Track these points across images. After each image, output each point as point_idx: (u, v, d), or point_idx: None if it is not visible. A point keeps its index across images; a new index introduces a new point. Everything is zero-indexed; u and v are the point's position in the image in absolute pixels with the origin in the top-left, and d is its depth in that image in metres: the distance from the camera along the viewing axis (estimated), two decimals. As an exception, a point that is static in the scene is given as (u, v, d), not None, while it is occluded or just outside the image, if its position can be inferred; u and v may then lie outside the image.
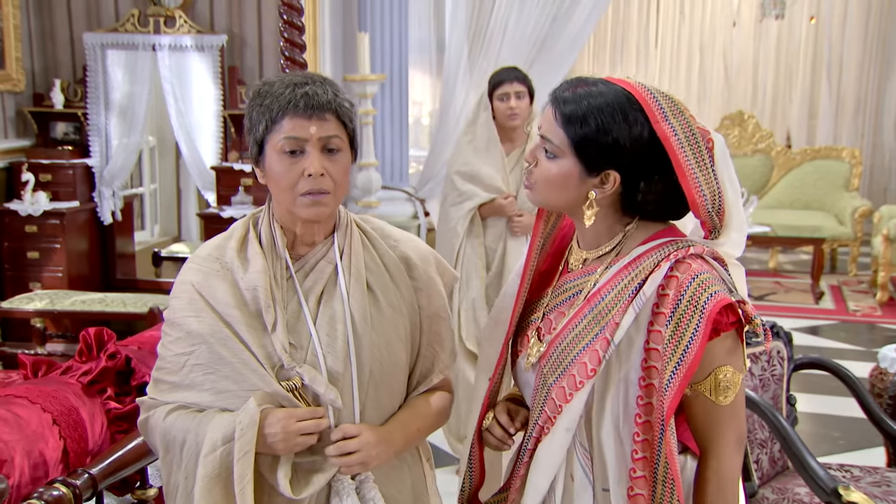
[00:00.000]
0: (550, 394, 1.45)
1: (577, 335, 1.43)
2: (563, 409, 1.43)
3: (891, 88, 9.27)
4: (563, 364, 1.43)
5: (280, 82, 1.54)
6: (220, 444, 1.46)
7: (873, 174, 9.32)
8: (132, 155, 5.57)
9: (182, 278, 1.61)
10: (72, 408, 2.14)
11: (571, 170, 1.42)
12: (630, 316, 1.38)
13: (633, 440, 1.38)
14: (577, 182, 1.42)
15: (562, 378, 1.43)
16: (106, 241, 5.63)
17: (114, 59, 5.42)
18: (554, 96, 1.43)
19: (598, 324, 1.40)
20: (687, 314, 1.33)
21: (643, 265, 1.39)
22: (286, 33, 3.17)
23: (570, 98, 1.40)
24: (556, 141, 1.41)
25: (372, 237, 1.67)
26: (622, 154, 1.39)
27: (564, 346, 1.44)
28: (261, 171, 1.58)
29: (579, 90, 1.41)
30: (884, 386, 3.39)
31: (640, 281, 1.38)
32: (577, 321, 1.44)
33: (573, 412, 1.43)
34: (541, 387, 1.48)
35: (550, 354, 1.46)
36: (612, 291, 1.41)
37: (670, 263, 1.37)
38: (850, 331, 6.05)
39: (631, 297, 1.38)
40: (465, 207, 3.56)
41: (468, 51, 5.50)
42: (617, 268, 1.43)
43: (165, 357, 1.60)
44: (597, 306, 1.42)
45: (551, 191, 1.45)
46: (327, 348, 1.54)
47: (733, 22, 9.56)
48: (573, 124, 1.39)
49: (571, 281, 1.51)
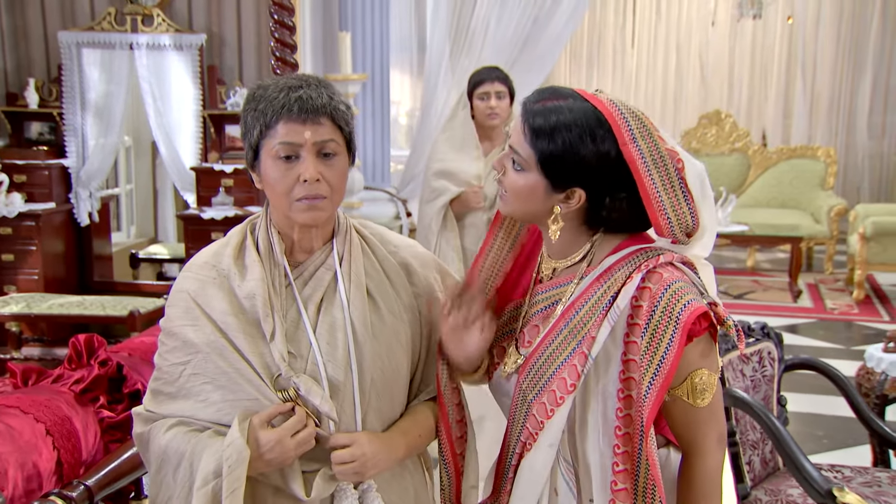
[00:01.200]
0: (531, 410, 1.44)
1: (554, 350, 1.42)
2: (544, 424, 1.43)
3: (863, 89, 9.39)
4: (542, 380, 1.43)
5: (274, 86, 1.51)
6: (212, 478, 1.44)
7: (847, 173, 9.44)
8: (109, 155, 5.49)
9: (178, 286, 1.58)
10: (65, 417, 2.09)
11: (537, 184, 1.41)
12: (605, 329, 1.37)
13: (614, 452, 1.38)
14: (542, 196, 1.42)
15: (542, 394, 1.42)
16: (82, 242, 5.54)
17: (90, 57, 5.33)
18: (524, 108, 1.42)
19: (575, 338, 1.40)
20: (661, 325, 1.33)
21: (615, 277, 1.39)
22: (277, 33, 3.13)
23: (540, 111, 1.39)
24: (524, 154, 1.41)
25: (371, 243, 1.64)
26: (588, 172, 1.39)
27: (542, 362, 1.43)
28: (257, 176, 1.55)
29: (549, 104, 1.39)
30: (871, 385, 3.43)
31: (613, 293, 1.38)
32: (553, 336, 1.43)
33: (555, 428, 1.42)
34: (520, 402, 1.47)
35: (529, 369, 1.45)
36: (586, 305, 1.41)
37: (642, 274, 1.37)
38: (828, 329, 6.12)
39: (605, 311, 1.38)
40: (437, 204, 3.58)
41: (450, 50, 5.49)
42: (589, 280, 1.42)
43: (162, 367, 1.57)
44: (571, 320, 1.41)
45: (518, 201, 1.45)
46: (327, 357, 1.52)
47: (711, 22, 9.63)
48: (541, 140, 1.38)
49: (543, 292, 1.51)
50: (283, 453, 1.45)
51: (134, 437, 1.61)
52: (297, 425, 1.46)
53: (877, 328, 6.10)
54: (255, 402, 1.48)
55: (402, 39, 6.91)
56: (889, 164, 9.39)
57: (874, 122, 9.41)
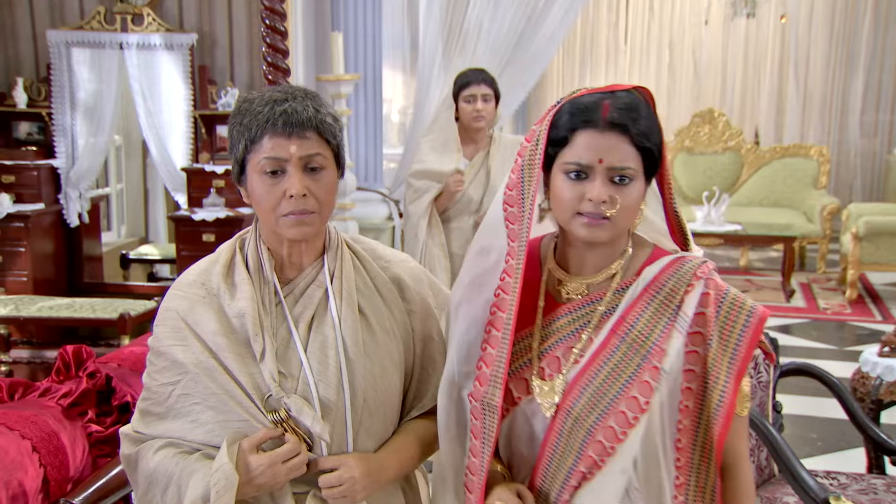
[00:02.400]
0: (594, 436, 1.34)
1: (615, 368, 1.34)
2: (615, 449, 1.33)
3: (855, 88, 9.39)
4: (604, 401, 1.34)
5: (259, 99, 1.48)
6: (200, 503, 1.42)
7: (839, 172, 9.45)
8: (99, 156, 5.44)
9: (166, 305, 1.55)
10: (52, 433, 2.06)
11: (641, 188, 1.37)
12: (677, 340, 1.32)
13: (675, 466, 1.34)
14: (641, 200, 1.38)
15: (606, 417, 1.33)
16: (72, 243, 5.49)
17: (79, 57, 5.27)
18: (611, 120, 1.32)
19: (638, 353, 1.34)
20: (727, 331, 1.32)
21: (669, 285, 1.36)
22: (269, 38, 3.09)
23: (632, 116, 1.33)
24: (634, 164, 1.34)
25: (363, 258, 1.61)
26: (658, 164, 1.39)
27: (600, 382, 1.35)
28: (244, 190, 1.53)
29: (623, 102, 1.34)
30: (866, 390, 3.42)
31: (676, 303, 1.34)
32: (608, 354, 1.35)
33: (628, 451, 1.33)
34: (572, 429, 1.36)
35: (581, 393, 1.36)
36: (642, 317, 1.35)
37: (703, 281, 1.34)
38: (821, 329, 6.11)
39: (671, 321, 1.34)
40: (422, 203, 3.57)
41: (443, 49, 5.45)
42: (637, 291, 1.37)
43: (151, 387, 1.54)
44: (628, 335, 1.35)
45: (630, 216, 1.37)
46: (319, 376, 1.49)
47: (705, 20, 9.61)
48: (642, 139, 1.33)
49: (572, 312, 1.41)
50: (274, 478, 1.43)
51: (121, 457, 1.58)
52: (289, 452, 1.44)
53: (870, 328, 6.10)
54: (245, 423, 1.46)
55: (394, 38, 6.86)
56: (881, 163, 9.40)
57: (866, 120, 9.42)
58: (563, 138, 1.35)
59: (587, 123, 1.32)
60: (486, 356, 1.41)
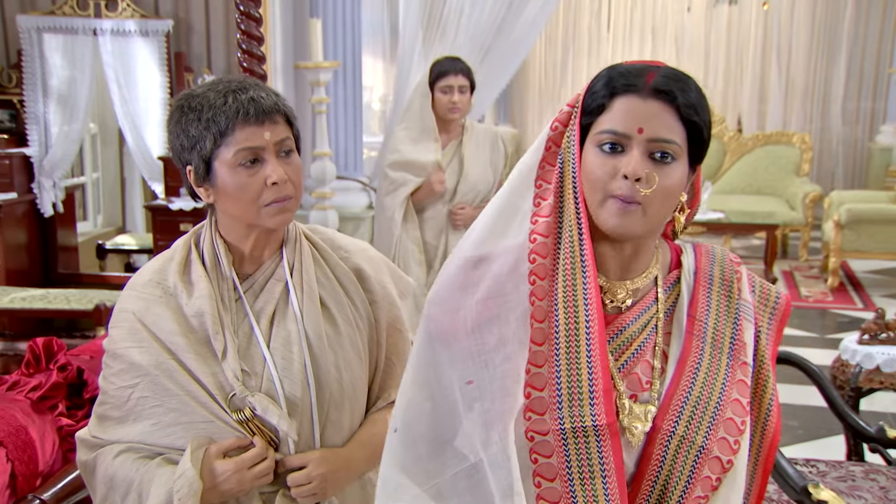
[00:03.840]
0: (708, 454, 1.15)
1: (708, 373, 1.18)
2: (732, 463, 1.16)
3: (837, 74, 9.41)
4: (708, 413, 1.16)
5: (213, 92, 1.42)
6: None
7: (821, 159, 9.47)
8: (74, 144, 5.34)
9: (121, 306, 1.51)
10: (20, 427, 2.01)
11: (684, 172, 1.17)
12: (749, 330, 1.21)
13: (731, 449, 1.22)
14: (682, 186, 1.17)
15: (715, 429, 1.16)
16: (46, 233, 5.39)
17: (51, 43, 5.16)
18: (656, 86, 1.13)
19: (721, 351, 1.19)
20: (760, 317, 1.24)
21: (717, 273, 1.24)
22: (243, 25, 3.02)
23: (680, 86, 1.13)
24: (679, 139, 1.13)
25: (322, 249, 1.57)
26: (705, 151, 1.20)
27: (699, 392, 1.17)
28: (207, 190, 1.46)
29: (674, 73, 1.15)
30: (845, 378, 3.42)
31: (735, 291, 1.23)
32: (696, 358, 1.19)
33: (742, 462, 1.18)
34: (677, 453, 1.16)
35: (681, 409, 1.16)
36: (711, 311, 1.21)
37: (742, 266, 1.26)
38: (803, 317, 6.12)
39: (738, 311, 1.22)
40: (399, 195, 3.52)
41: (423, 36, 5.38)
42: (691, 284, 1.24)
43: (108, 391, 1.49)
44: (706, 333, 1.20)
45: (668, 202, 1.15)
46: (283, 372, 1.45)
47: (687, 7, 9.59)
48: (690, 114, 1.13)
49: (633, 321, 1.21)
50: (240, 485, 1.40)
51: (78, 464, 1.54)
52: (255, 458, 1.41)
53: (851, 316, 6.12)
54: (210, 424, 1.42)
55: (374, 25, 6.80)
56: (863, 150, 9.43)
57: (848, 107, 9.44)
58: (600, 106, 1.14)
59: (628, 88, 1.12)
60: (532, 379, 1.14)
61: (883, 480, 2.68)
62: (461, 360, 1.16)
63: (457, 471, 1.16)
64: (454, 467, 1.16)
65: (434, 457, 1.18)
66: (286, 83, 5.35)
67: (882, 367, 3.31)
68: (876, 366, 3.32)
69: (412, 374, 1.21)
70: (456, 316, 1.17)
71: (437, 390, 1.18)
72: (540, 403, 1.12)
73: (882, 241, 6.70)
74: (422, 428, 1.19)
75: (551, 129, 1.20)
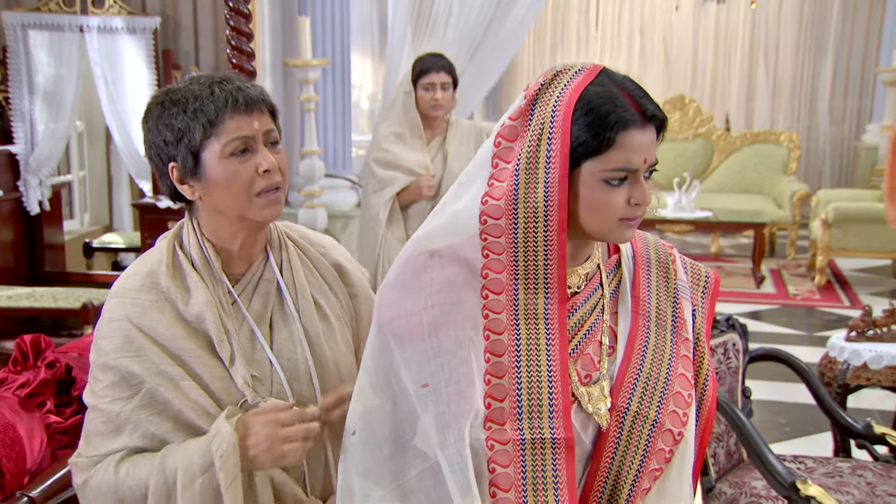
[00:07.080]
0: (661, 427, 1.20)
1: (655, 350, 1.24)
2: (683, 435, 1.21)
3: (824, 73, 9.46)
4: (658, 388, 1.22)
5: (196, 85, 1.41)
6: (199, 473, 1.31)
7: (809, 158, 9.52)
8: (60, 141, 5.30)
9: (112, 315, 1.43)
10: (7, 424, 1.99)
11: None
12: (687, 308, 1.29)
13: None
14: None
15: (665, 403, 1.21)
16: (33, 231, 5.35)
17: (37, 40, 5.12)
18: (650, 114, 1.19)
19: (664, 328, 1.25)
20: (695, 295, 1.32)
21: (653, 255, 1.32)
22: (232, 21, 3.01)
23: (654, 104, 1.21)
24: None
25: (303, 247, 1.56)
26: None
27: (648, 369, 1.22)
28: (192, 186, 1.42)
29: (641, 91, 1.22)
30: (833, 374, 3.44)
31: (671, 271, 1.31)
32: (643, 336, 1.24)
33: (691, 433, 1.23)
34: (632, 430, 1.20)
35: (634, 385, 1.21)
36: (652, 291, 1.27)
37: (675, 250, 1.35)
38: (790, 315, 6.14)
39: (675, 289, 1.29)
40: (385, 194, 3.51)
41: (412, 34, 5.38)
42: (631, 266, 1.30)
43: (97, 406, 1.41)
44: (650, 311, 1.26)
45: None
46: (290, 374, 1.45)
47: (675, 6, 9.62)
48: (663, 125, 1.24)
49: (583, 304, 1.25)
50: (270, 438, 1.32)
51: (76, 488, 1.45)
52: (296, 417, 1.35)
53: (838, 314, 6.15)
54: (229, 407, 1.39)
55: (363, 22, 6.79)
56: (849, 149, 9.48)
57: (835, 106, 9.49)
58: (603, 144, 1.15)
59: (627, 124, 1.15)
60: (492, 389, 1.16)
61: (870, 476, 2.69)
62: (416, 363, 1.18)
63: (421, 469, 1.17)
64: (418, 466, 1.18)
65: (397, 457, 1.19)
66: (275, 80, 5.33)
67: (869, 363, 3.33)
68: (863, 363, 3.34)
69: (370, 377, 1.22)
70: (411, 319, 1.18)
71: (397, 391, 1.19)
72: (500, 414, 1.15)
73: (868, 239, 6.73)
74: (384, 430, 1.20)
75: (495, 146, 1.20)
